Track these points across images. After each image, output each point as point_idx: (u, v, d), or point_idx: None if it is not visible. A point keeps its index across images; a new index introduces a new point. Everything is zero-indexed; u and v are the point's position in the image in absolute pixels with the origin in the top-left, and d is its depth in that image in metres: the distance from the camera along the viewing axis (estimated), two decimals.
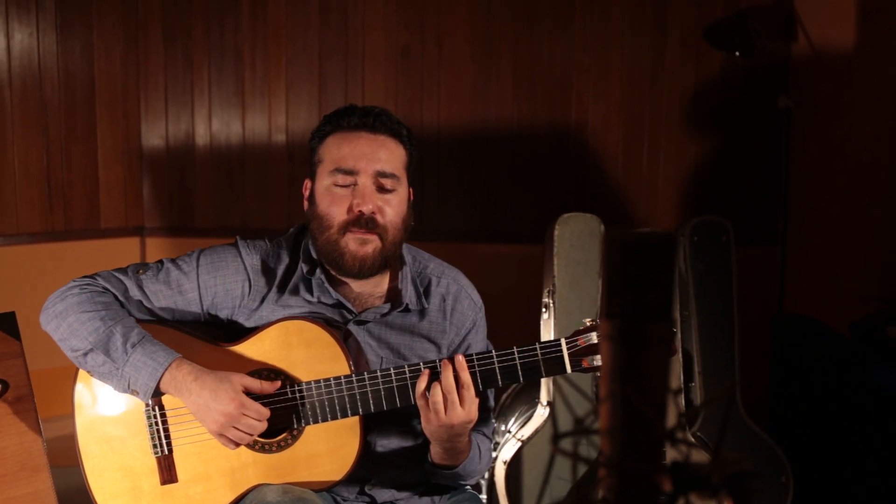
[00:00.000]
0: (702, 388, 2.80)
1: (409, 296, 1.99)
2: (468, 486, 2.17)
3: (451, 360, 1.81)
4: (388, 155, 1.93)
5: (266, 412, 1.81)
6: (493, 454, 2.82)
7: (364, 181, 1.90)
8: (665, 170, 4.00)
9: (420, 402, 1.82)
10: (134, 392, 1.83)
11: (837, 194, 3.71)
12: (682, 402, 2.67)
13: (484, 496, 2.89)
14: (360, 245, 1.90)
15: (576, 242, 2.77)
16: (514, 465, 2.72)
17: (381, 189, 1.92)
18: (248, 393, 1.83)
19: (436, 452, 1.92)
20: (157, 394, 1.83)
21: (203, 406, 1.79)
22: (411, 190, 2.02)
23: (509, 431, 2.85)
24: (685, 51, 3.93)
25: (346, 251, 1.90)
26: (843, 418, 2.88)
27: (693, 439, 2.63)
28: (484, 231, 4.19)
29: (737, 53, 3.70)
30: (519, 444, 2.73)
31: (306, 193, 2.01)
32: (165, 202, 4.51)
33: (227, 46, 4.36)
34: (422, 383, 1.81)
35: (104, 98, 4.35)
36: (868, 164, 3.64)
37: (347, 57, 4.22)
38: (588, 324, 1.86)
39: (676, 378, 2.67)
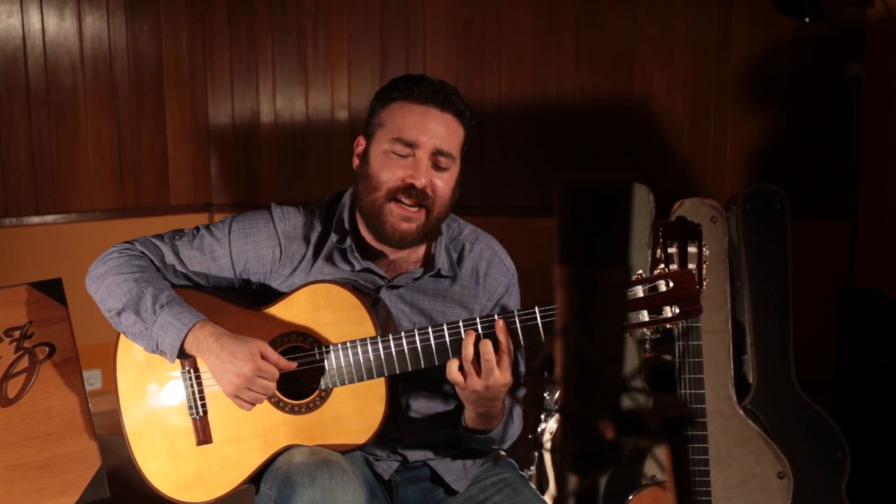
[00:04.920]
0: (754, 360, 2.73)
1: (441, 261, 2.00)
2: (503, 451, 2.17)
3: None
4: (449, 134, 1.93)
5: (277, 373, 1.84)
6: (542, 426, 2.81)
7: (421, 155, 1.91)
8: (732, 142, 3.90)
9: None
10: (162, 352, 1.88)
11: None
12: (732, 374, 2.62)
13: (533, 468, 2.88)
14: (402, 221, 1.92)
15: None
16: None
17: (437, 166, 1.93)
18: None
19: (469, 417, 1.93)
20: (183, 355, 1.88)
21: (220, 367, 1.83)
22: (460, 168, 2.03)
23: (557, 402, 2.83)
24: (753, 18, 3.82)
25: (388, 221, 1.92)
26: None
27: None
28: (548, 205, 4.15)
29: (807, 20, 3.57)
30: None
31: (358, 150, 2.02)
32: (232, 178, 4.62)
33: (290, 24, 4.42)
34: (468, 348, 1.80)
35: (172, 78, 4.47)
36: None
37: (408, 31, 4.23)
38: None
39: (726, 350, 2.61)
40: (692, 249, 2.10)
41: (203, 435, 1.95)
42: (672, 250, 2.10)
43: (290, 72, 4.45)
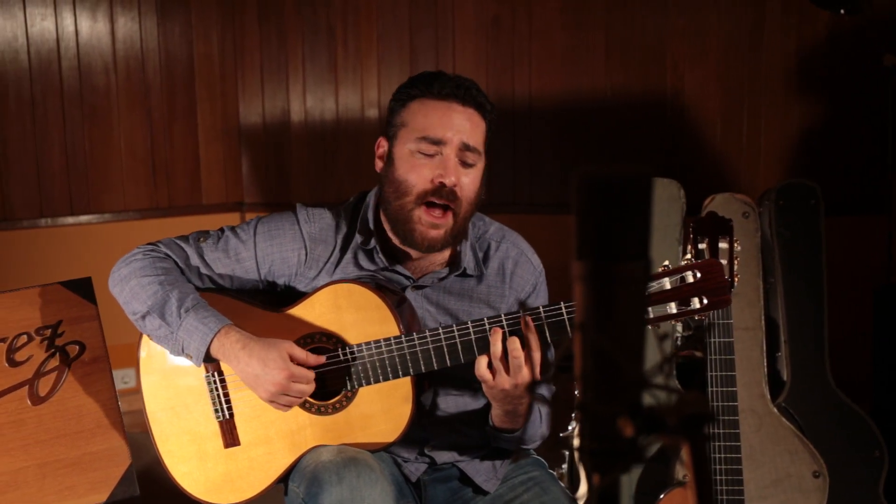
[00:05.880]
0: (788, 357, 2.69)
1: (467, 261, 1.98)
2: (532, 451, 2.15)
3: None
4: (473, 128, 1.90)
5: (312, 375, 1.84)
6: (572, 424, 2.79)
7: (448, 152, 1.88)
8: (767, 137, 3.85)
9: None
10: (188, 356, 1.88)
11: None
12: (766, 371, 2.58)
13: (564, 467, 2.86)
14: (431, 228, 1.89)
15: (654, 208, 2.70)
16: None
17: (464, 163, 1.90)
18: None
19: (496, 415, 1.91)
20: (209, 359, 1.87)
21: (252, 375, 1.83)
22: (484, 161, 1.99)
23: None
24: (787, 10, 3.76)
25: (416, 229, 1.89)
26: None
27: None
28: None
29: (842, 11, 3.51)
30: None
31: (379, 152, 1.99)
32: (263, 178, 4.64)
33: (319, 23, 4.43)
34: (497, 345, 1.77)
35: (203, 78, 4.50)
36: None
37: (437, 29, 4.22)
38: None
39: (759, 347, 2.58)
40: (723, 245, 2.07)
41: (230, 437, 1.95)
42: (703, 246, 2.07)
43: (320, 71, 4.46)
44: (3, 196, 4.06)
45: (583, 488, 2.74)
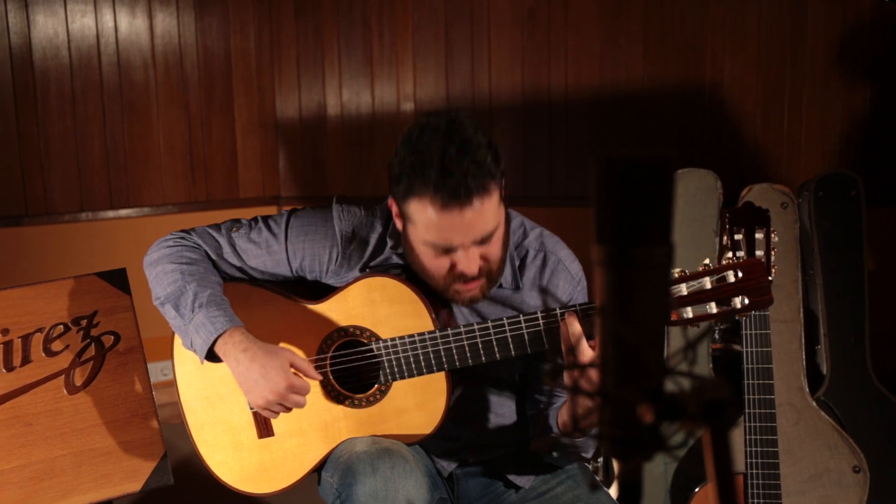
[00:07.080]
0: (828, 350, 2.65)
1: (504, 274, 1.91)
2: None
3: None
4: (484, 219, 1.72)
5: (309, 387, 1.83)
6: None
7: (463, 252, 1.75)
8: (808, 128, 3.79)
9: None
10: (195, 352, 1.87)
11: None
12: (804, 364, 2.54)
13: (599, 460, 2.84)
14: (465, 292, 1.81)
15: (690, 199, 2.66)
16: None
17: (483, 244, 1.77)
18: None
19: (565, 416, 1.82)
20: (214, 357, 1.86)
21: (251, 380, 1.80)
22: (504, 207, 1.82)
23: None
24: None
25: (451, 295, 1.82)
26: None
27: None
28: None
29: None
30: None
31: (395, 210, 1.84)
32: (300, 171, 4.66)
33: (355, 17, 4.44)
34: (575, 325, 1.69)
35: (240, 73, 4.53)
36: None
37: (473, 22, 4.21)
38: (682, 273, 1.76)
39: (798, 340, 2.53)
40: (759, 236, 2.03)
41: (264, 428, 1.95)
42: (739, 237, 2.04)
43: (355, 64, 4.47)
44: (44, 190, 4.12)
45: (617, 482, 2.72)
